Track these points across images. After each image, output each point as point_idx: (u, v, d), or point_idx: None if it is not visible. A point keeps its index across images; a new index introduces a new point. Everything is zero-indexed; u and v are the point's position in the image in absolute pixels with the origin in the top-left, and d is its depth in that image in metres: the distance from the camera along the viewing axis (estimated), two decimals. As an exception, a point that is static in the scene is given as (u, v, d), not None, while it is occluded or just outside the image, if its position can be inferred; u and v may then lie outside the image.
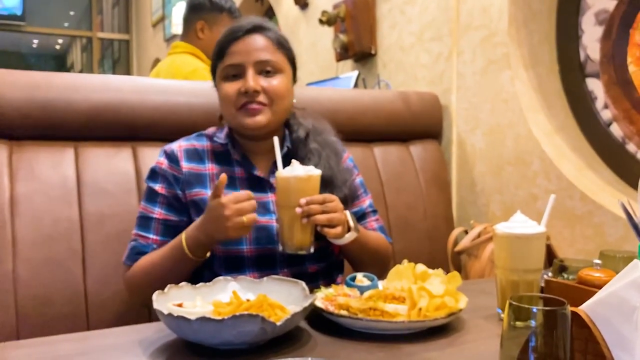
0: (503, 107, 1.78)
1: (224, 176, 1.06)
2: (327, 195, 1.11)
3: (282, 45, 1.22)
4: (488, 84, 1.83)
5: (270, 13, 3.65)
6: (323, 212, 1.08)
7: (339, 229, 1.10)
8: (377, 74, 2.38)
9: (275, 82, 1.18)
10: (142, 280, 1.15)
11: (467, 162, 1.95)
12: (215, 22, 2.24)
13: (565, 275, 1.01)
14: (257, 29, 1.19)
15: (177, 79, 2.10)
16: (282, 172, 1.10)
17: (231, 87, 1.17)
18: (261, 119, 1.16)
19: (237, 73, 1.17)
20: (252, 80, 1.15)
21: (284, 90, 1.19)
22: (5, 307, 1.24)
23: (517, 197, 1.74)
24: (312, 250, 1.11)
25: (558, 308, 0.64)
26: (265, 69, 1.18)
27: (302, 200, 1.06)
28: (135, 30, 7.78)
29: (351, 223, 1.15)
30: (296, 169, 1.09)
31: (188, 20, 2.28)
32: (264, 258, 1.18)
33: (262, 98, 1.16)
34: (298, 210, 1.06)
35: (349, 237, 1.14)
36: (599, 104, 1.60)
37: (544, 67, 1.74)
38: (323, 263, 1.25)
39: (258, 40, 1.18)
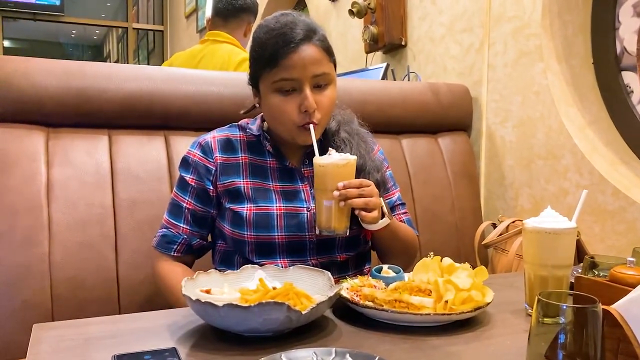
0: (534, 100, 1.75)
1: None
2: (364, 180, 1.13)
3: (330, 52, 1.20)
4: (519, 76, 1.80)
5: (301, 4, 3.65)
6: (360, 196, 1.10)
7: (375, 213, 1.12)
8: (406, 65, 2.37)
9: (327, 98, 1.18)
10: (160, 290, 1.23)
11: (497, 155, 1.92)
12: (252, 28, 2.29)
13: (596, 272, 1.00)
14: (309, 37, 1.16)
15: (229, 67, 2.14)
16: (319, 158, 1.13)
17: (289, 105, 1.16)
18: (314, 136, 1.17)
19: (292, 88, 1.16)
20: (312, 98, 1.15)
21: (333, 103, 1.21)
22: (41, 289, 1.29)
23: (547, 192, 1.72)
24: (347, 233, 1.13)
25: (589, 306, 0.63)
26: (319, 83, 1.17)
27: (340, 184, 1.09)
28: (169, 21, 7.88)
29: (384, 209, 1.17)
30: (333, 155, 1.13)
31: (237, 17, 2.32)
32: (294, 245, 1.20)
33: (316, 114, 1.16)
34: (335, 193, 1.08)
35: (383, 222, 1.16)
36: (635, 98, 1.56)
37: (577, 60, 1.70)
38: (353, 252, 1.26)
39: (312, 51, 1.15)
